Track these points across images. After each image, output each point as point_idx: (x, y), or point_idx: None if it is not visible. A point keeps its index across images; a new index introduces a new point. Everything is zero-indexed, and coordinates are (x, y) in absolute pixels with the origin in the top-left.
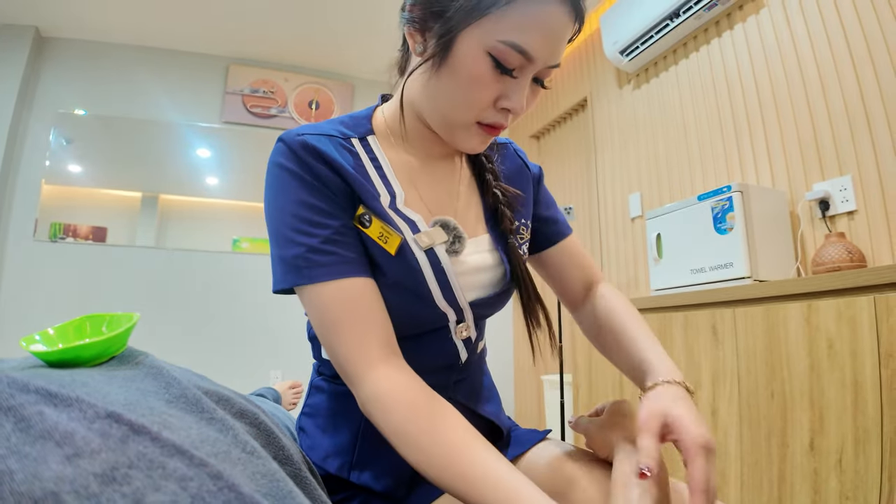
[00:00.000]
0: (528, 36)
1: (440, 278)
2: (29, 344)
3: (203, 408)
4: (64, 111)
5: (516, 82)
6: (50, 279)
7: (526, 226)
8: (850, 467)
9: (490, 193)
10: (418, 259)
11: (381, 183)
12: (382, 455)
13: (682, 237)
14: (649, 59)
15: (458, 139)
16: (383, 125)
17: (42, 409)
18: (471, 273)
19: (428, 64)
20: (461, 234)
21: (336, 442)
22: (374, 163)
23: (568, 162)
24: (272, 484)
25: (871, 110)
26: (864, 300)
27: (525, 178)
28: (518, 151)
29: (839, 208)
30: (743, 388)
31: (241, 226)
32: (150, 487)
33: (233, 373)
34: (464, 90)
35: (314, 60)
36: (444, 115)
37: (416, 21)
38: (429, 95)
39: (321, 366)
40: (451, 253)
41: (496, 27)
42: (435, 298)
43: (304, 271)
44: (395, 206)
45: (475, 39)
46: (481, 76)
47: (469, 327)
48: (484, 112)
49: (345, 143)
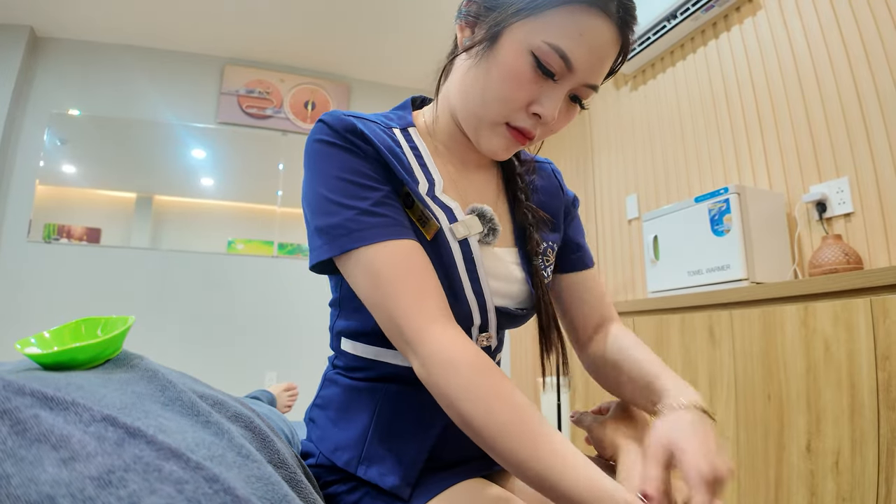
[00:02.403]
0: (572, 43)
1: (470, 268)
2: (24, 347)
3: (198, 411)
4: (58, 111)
5: (552, 89)
6: (44, 280)
7: (552, 248)
8: (846, 469)
9: (520, 213)
10: (452, 249)
11: (420, 171)
12: (390, 454)
13: (679, 239)
14: (647, 61)
15: (483, 138)
16: (423, 126)
17: (38, 412)
18: (500, 279)
19: (471, 56)
20: (496, 226)
21: (346, 436)
22: (415, 151)
23: (565, 163)
24: (267, 487)
25: (867, 112)
26: (861, 302)
27: (558, 200)
28: (556, 173)
29: (836, 210)
30: (740, 390)
31: (236, 227)
32: (146, 491)
33: (228, 374)
34: (500, 84)
35: (310, 61)
36: (475, 110)
37: (470, 15)
38: (466, 88)
39: (337, 358)
40: (484, 244)
41: (544, 28)
42: (466, 293)
43: (356, 234)
44: (434, 192)
45: (522, 36)
46: (520, 73)
47: (491, 336)
48: (515, 113)
49: (386, 131)
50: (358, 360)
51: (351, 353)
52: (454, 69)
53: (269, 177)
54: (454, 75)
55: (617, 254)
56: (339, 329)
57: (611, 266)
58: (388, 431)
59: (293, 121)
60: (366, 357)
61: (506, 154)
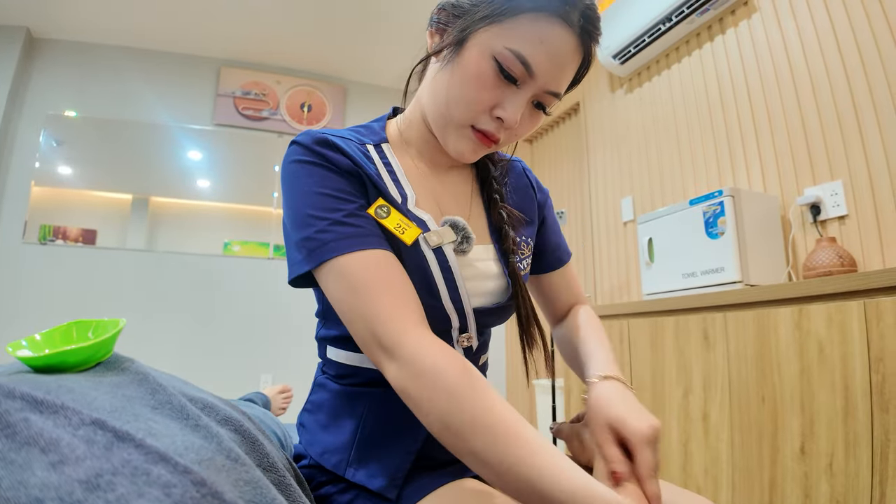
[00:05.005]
0: (533, 49)
1: (447, 276)
2: (15, 349)
3: (188, 414)
4: (54, 112)
5: (515, 94)
6: (39, 281)
7: (528, 243)
8: (840, 471)
9: (495, 213)
10: (426, 257)
11: (393, 186)
12: (378, 456)
13: (674, 241)
14: (642, 64)
15: (451, 140)
16: (396, 135)
17: (27, 415)
18: (477, 279)
19: (440, 61)
20: (469, 235)
21: (335, 440)
22: (388, 167)
23: (561, 166)
24: (255, 491)
25: (862, 115)
26: (855, 305)
27: (529, 198)
28: (526, 171)
29: (830, 213)
30: (734, 392)
31: (232, 229)
32: (134, 494)
33: (223, 376)
34: (465, 87)
35: (306, 63)
36: (442, 113)
37: (440, 22)
38: (434, 91)
39: (325, 365)
40: (459, 252)
41: (507, 35)
42: (442, 299)
43: (330, 244)
44: (406, 206)
45: (486, 42)
46: (484, 77)
47: (472, 337)
48: (479, 116)
49: (360, 147)
50: (344, 367)
51: (336, 361)
52: (425, 75)
53: (266, 178)
54: (425, 80)
55: (612, 256)
56: (324, 337)
57: (606, 268)
58: (376, 434)
59: (289, 123)
60: (351, 364)
61: (473, 156)
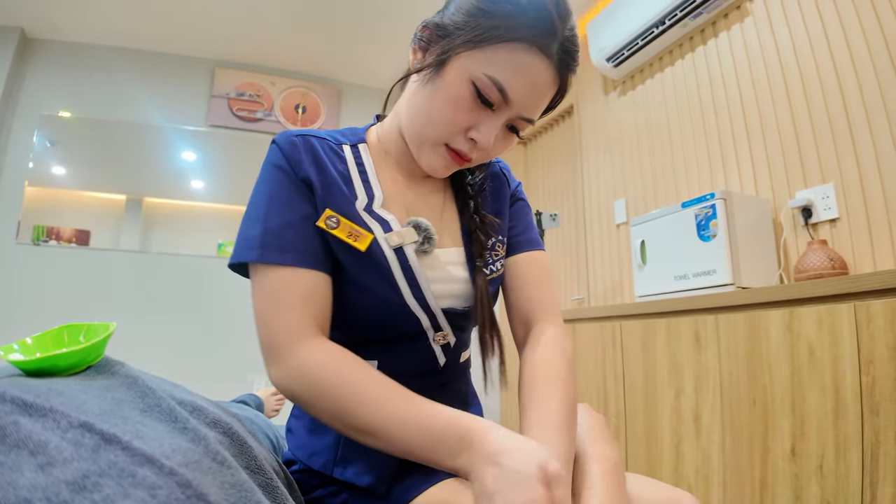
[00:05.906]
0: (510, 78)
1: (408, 276)
2: (7, 353)
3: (176, 417)
4: (48, 113)
5: (490, 118)
6: (32, 282)
7: (502, 243)
8: (830, 473)
9: (467, 217)
10: (387, 257)
11: (361, 186)
12: (364, 454)
13: (666, 244)
14: (635, 67)
15: (424, 156)
16: (375, 140)
17: (17, 418)
18: (445, 281)
19: (420, 79)
20: (432, 235)
21: (321, 441)
22: (360, 167)
23: (554, 168)
24: (240, 494)
25: (853, 119)
26: (845, 307)
27: (504, 196)
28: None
29: (822, 216)
30: (725, 394)
31: (226, 230)
32: (119, 495)
33: (217, 378)
34: (442, 108)
35: (301, 64)
36: (418, 130)
37: (423, 40)
38: (412, 105)
39: None
40: (421, 253)
41: (486, 61)
42: (405, 298)
43: (270, 252)
44: (371, 207)
45: (466, 66)
46: (461, 100)
47: (448, 335)
48: (454, 136)
49: (334, 147)
50: None
51: None
52: (406, 89)
53: None
54: (405, 93)
55: (605, 258)
56: None
57: (598, 270)
58: None
59: (283, 124)
60: None
61: (445, 172)
